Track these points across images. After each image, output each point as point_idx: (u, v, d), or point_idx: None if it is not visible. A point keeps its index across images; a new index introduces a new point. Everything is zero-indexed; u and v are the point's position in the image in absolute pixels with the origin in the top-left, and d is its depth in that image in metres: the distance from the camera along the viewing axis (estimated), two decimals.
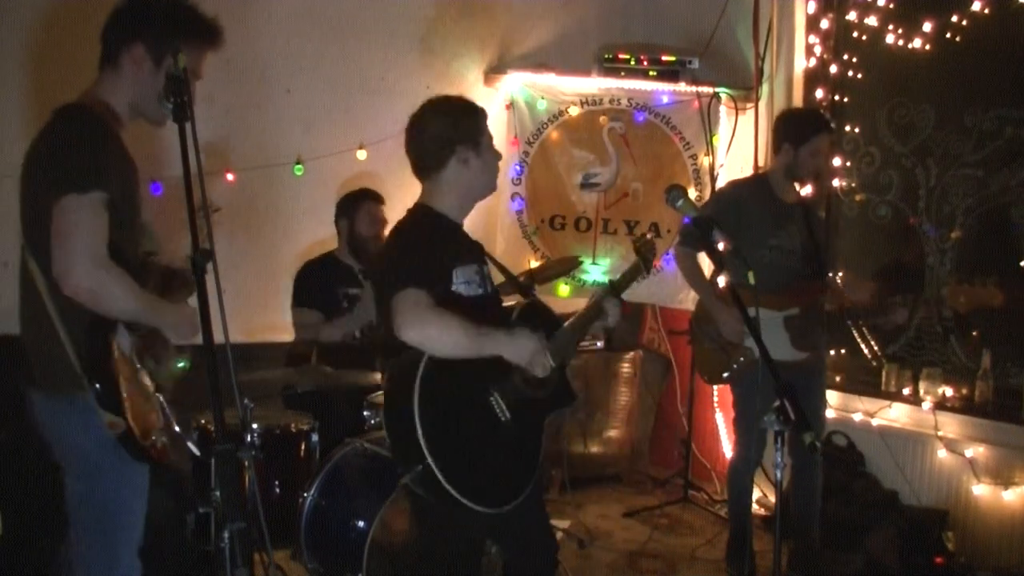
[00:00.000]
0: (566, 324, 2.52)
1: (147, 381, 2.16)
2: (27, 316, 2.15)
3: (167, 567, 3.27)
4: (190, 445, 2.26)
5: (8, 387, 2.28)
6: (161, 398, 2.20)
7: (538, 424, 2.42)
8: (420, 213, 2.40)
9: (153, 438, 2.13)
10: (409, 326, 2.16)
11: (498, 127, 5.02)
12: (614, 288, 2.66)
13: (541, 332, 2.36)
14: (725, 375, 3.58)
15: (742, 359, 3.49)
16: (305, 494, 3.18)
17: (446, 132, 2.34)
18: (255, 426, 3.08)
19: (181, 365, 2.30)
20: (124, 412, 2.04)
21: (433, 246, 2.30)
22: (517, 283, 2.82)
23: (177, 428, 2.22)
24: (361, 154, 4.61)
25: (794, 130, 3.58)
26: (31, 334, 2.14)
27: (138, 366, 2.13)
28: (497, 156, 2.46)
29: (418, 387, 2.15)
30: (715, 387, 4.82)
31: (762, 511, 4.47)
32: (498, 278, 2.68)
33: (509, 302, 2.56)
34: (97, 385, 2.02)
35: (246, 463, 2.32)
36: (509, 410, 2.31)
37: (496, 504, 2.27)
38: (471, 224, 2.48)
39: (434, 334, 2.17)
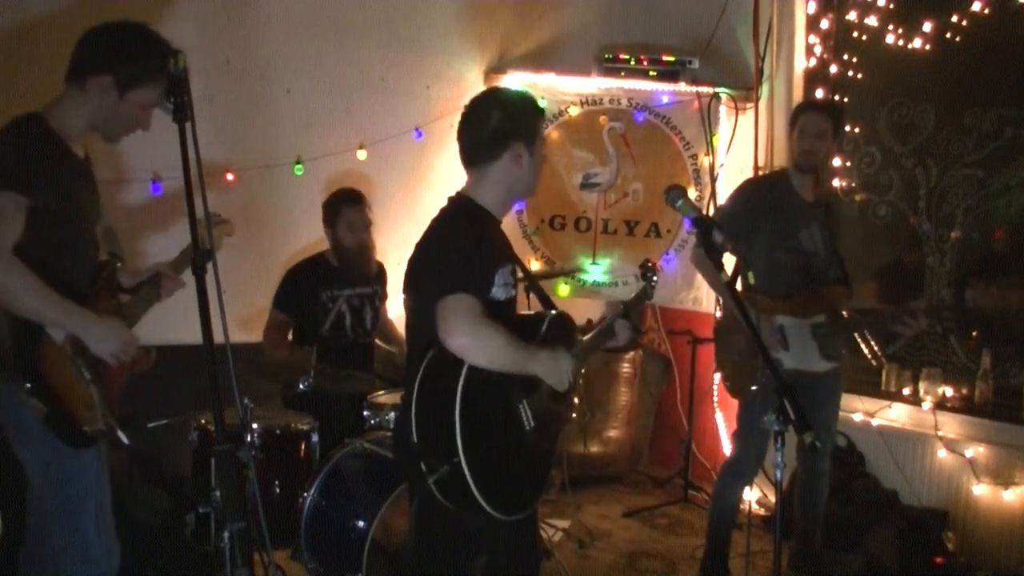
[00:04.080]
0: (584, 339, 2.51)
1: (79, 372, 2.24)
2: None
3: (167, 567, 3.28)
4: (120, 434, 2.32)
5: None
6: (95, 390, 2.27)
7: (553, 436, 2.41)
8: (465, 207, 2.31)
9: (85, 427, 2.23)
10: (459, 333, 2.08)
11: None
12: (625, 310, 2.66)
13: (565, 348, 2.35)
14: (754, 387, 3.37)
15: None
16: (305, 494, 3.18)
17: (506, 126, 2.26)
18: (255, 426, 3.07)
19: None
20: (46, 396, 2.16)
21: (482, 247, 2.23)
22: (542, 294, 2.72)
23: (107, 422, 2.28)
24: (361, 154, 4.61)
25: (792, 116, 3.54)
26: None
27: (70, 355, 2.23)
28: (543, 160, 2.40)
29: (462, 385, 2.09)
30: (715, 387, 4.83)
31: (762, 511, 4.47)
32: None
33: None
34: (22, 366, 2.14)
35: (246, 463, 2.33)
36: (534, 419, 2.27)
37: (509, 511, 2.21)
38: None
39: (482, 345, 2.10)
